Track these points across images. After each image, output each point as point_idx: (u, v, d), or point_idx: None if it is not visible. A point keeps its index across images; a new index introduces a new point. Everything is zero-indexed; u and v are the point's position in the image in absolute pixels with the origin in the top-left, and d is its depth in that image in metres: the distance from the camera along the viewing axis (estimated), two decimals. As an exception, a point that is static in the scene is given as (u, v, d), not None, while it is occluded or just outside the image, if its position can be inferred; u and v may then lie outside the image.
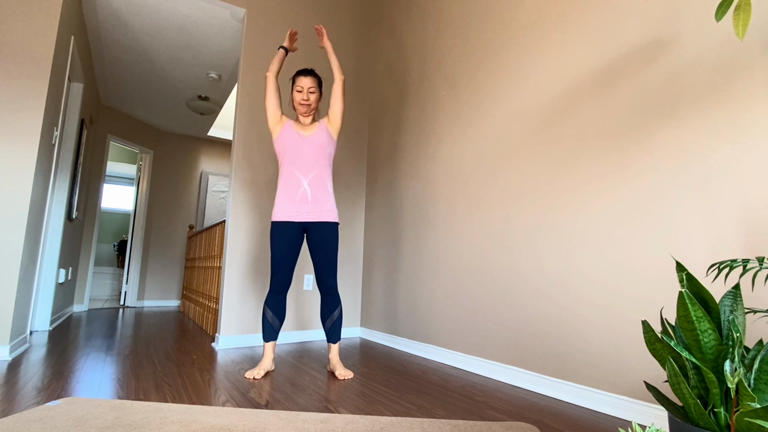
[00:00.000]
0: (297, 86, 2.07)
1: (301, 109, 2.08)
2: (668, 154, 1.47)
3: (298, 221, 2.02)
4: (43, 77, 2.27)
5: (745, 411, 0.75)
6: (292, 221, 2.02)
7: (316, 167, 2.04)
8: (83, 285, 4.58)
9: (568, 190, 1.80)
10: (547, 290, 1.83)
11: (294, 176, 2.03)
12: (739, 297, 0.89)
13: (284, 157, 2.05)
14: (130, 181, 7.59)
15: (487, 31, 2.32)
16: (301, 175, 2.02)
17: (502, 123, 2.16)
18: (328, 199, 2.05)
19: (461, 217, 2.34)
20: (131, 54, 3.72)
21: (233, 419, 1.33)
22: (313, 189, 2.02)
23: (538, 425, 1.41)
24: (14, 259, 2.15)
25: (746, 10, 0.90)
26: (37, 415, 1.32)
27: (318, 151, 2.04)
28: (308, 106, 2.06)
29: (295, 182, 2.02)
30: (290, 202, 2.02)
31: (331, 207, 2.05)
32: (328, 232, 2.02)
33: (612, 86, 1.67)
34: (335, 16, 3.35)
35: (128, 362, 2.15)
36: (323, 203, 2.03)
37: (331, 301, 2.05)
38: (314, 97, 2.07)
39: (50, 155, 2.58)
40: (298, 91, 2.06)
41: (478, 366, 2.11)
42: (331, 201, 2.06)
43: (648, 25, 1.58)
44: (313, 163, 2.03)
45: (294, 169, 2.03)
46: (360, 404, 1.57)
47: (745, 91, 1.30)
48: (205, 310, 3.46)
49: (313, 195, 2.02)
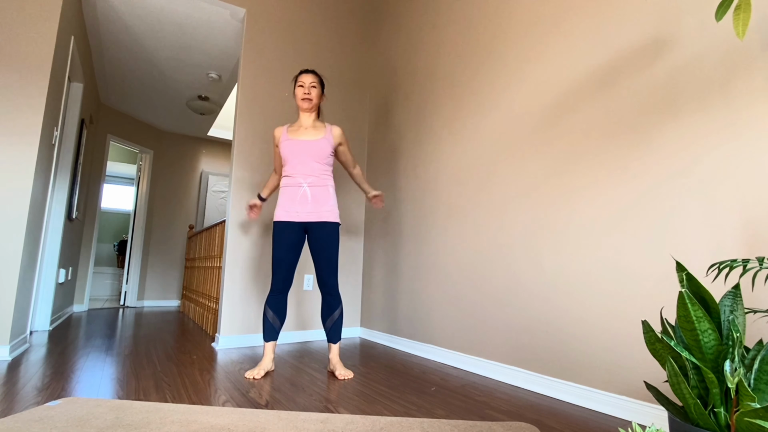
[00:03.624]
0: (299, 83, 2.11)
1: (303, 104, 2.10)
2: (668, 153, 1.47)
3: (299, 221, 2.03)
4: (43, 77, 2.27)
5: (745, 411, 0.75)
6: (293, 221, 2.03)
7: (316, 170, 2.05)
8: (83, 285, 4.58)
9: (568, 189, 1.80)
10: (547, 290, 1.83)
11: (294, 178, 2.05)
12: (739, 297, 0.89)
13: (286, 160, 2.08)
14: (130, 181, 7.59)
15: (487, 32, 2.32)
16: (302, 176, 2.04)
17: (501, 123, 2.16)
18: (328, 199, 2.06)
19: (460, 217, 2.34)
20: (131, 54, 3.72)
21: (233, 419, 1.33)
22: (313, 189, 2.04)
23: (538, 425, 1.41)
24: (14, 259, 2.15)
25: (746, 10, 0.90)
26: (37, 415, 1.32)
27: (319, 155, 2.06)
28: (309, 101, 2.09)
29: (295, 183, 2.04)
30: (291, 203, 2.04)
31: (331, 207, 2.06)
32: (328, 232, 2.03)
33: (611, 86, 1.67)
34: (335, 16, 3.35)
35: (128, 362, 2.15)
36: (323, 203, 2.04)
37: (332, 301, 2.05)
38: (315, 92, 2.10)
39: (50, 155, 2.58)
40: (299, 86, 2.10)
41: (478, 366, 2.11)
42: (331, 201, 2.07)
43: (648, 24, 1.58)
44: (314, 165, 2.05)
45: (294, 171, 2.05)
46: (360, 404, 1.57)
47: (745, 91, 1.30)
48: (205, 310, 3.46)
49: (313, 195, 2.03)
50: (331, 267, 2.03)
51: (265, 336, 2.01)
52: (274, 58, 2.98)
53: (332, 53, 3.30)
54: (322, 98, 2.18)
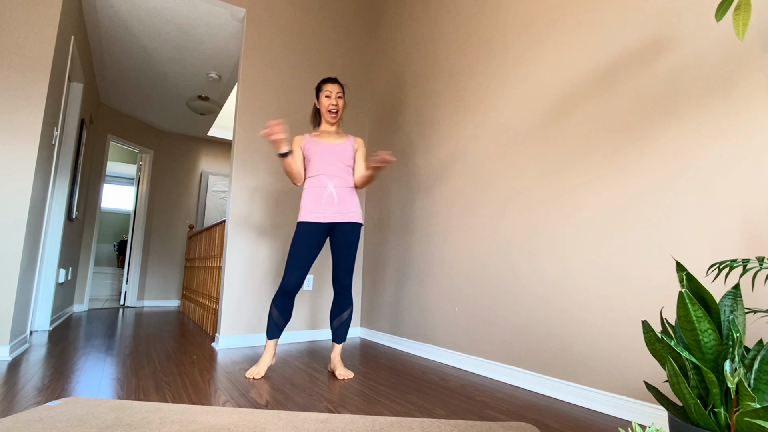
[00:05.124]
0: (325, 92, 2.10)
1: (328, 116, 2.11)
2: (668, 153, 1.47)
3: (324, 222, 2.02)
4: (43, 77, 2.27)
5: (745, 411, 0.75)
6: (318, 222, 2.02)
7: (342, 170, 2.07)
8: (83, 285, 4.58)
9: (568, 189, 1.80)
10: (547, 290, 1.83)
11: (320, 180, 2.05)
12: (739, 297, 0.89)
13: (310, 163, 2.07)
14: (130, 181, 7.59)
15: (486, 31, 2.32)
16: (328, 179, 2.04)
17: (501, 123, 2.16)
18: (354, 199, 2.09)
19: (460, 217, 2.34)
20: (131, 54, 3.72)
21: (233, 419, 1.33)
22: (339, 190, 2.05)
23: (538, 425, 1.41)
24: (14, 259, 2.15)
25: (746, 10, 0.90)
26: (37, 415, 1.32)
27: (344, 157, 2.07)
28: (336, 112, 2.11)
29: (320, 185, 2.04)
30: (316, 205, 2.03)
31: (356, 208, 2.08)
32: (352, 232, 2.05)
33: (611, 86, 1.67)
34: (336, 16, 3.35)
35: (128, 362, 2.15)
36: (349, 204, 2.06)
37: (344, 301, 2.06)
38: (342, 102, 2.12)
39: (50, 155, 2.58)
40: (326, 97, 2.10)
41: (478, 366, 2.11)
42: (356, 202, 2.09)
43: (648, 24, 1.58)
44: (339, 165, 2.06)
45: (320, 171, 2.05)
46: (360, 404, 1.57)
47: (745, 91, 1.30)
48: (205, 310, 3.46)
49: (339, 196, 2.04)
50: (349, 267, 2.05)
51: (268, 334, 2.00)
52: (274, 58, 2.98)
53: (332, 53, 3.30)
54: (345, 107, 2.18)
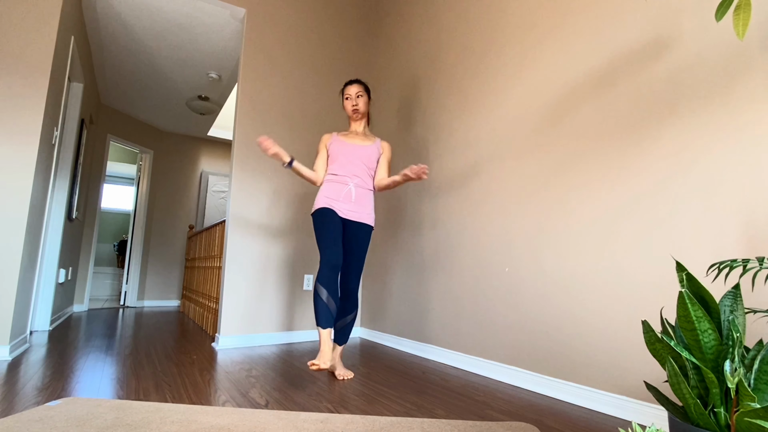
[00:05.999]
0: (345, 95, 2.17)
1: (354, 116, 2.16)
2: (668, 153, 1.47)
3: (339, 215, 2.02)
4: (43, 77, 2.27)
5: (745, 411, 0.75)
6: (335, 210, 2.01)
7: (363, 172, 2.08)
8: (83, 285, 4.58)
9: (568, 190, 1.80)
10: (547, 290, 1.83)
11: (341, 176, 2.06)
12: (739, 297, 0.89)
13: (335, 158, 2.09)
14: (130, 181, 7.59)
15: (486, 31, 2.32)
16: (349, 176, 2.06)
17: (502, 124, 2.16)
18: (370, 202, 2.10)
19: (460, 218, 2.34)
20: (131, 54, 3.72)
21: (233, 419, 1.33)
22: (358, 190, 2.06)
23: (538, 425, 1.41)
24: (14, 259, 2.14)
25: (746, 10, 0.90)
26: (37, 415, 1.32)
27: (368, 159, 2.09)
28: (358, 111, 2.15)
29: (341, 181, 2.05)
30: (333, 198, 2.03)
31: (371, 211, 2.09)
32: (363, 234, 2.05)
33: (611, 86, 1.67)
34: (336, 16, 3.35)
35: (128, 362, 2.15)
36: (365, 206, 2.07)
37: (349, 304, 2.06)
38: (362, 100, 2.15)
39: (50, 155, 2.58)
40: (347, 99, 2.16)
41: (478, 366, 2.11)
42: (372, 205, 2.11)
43: (648, 24, 1.58)
44: (362, 167, 2.08)
45: (342, 170, 2.07)
46: (360, 404, 1.57)
47: (745, 91, 1.30)
48: (205, 310, 3.46)
49: (357, 196, 2.06)
50: (357, 270, 2.05)
51: (320, 321, 1.77)
52: (274, 58, 2.98)
53: (333, 53, 3.30)
54: (369, 104, 2.21)
